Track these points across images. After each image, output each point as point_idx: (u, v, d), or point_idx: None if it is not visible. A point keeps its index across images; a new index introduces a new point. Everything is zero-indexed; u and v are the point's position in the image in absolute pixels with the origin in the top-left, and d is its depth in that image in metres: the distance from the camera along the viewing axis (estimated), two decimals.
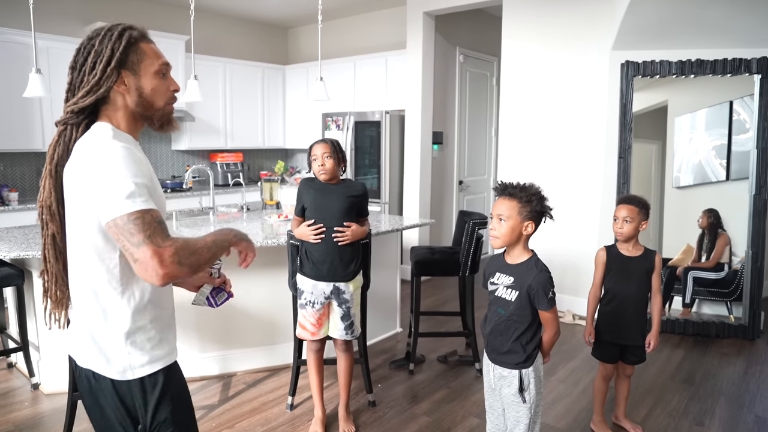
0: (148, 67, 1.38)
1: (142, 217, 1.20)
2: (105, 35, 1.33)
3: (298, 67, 7.08)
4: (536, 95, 4.85)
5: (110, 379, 1.34)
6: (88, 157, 1.26)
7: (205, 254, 1.29)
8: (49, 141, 4.76)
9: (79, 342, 1.37)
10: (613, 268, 2.67)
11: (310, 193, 2.74)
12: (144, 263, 1.18)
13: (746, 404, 3.16)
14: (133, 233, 1.18)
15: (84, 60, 1.33)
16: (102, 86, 1.32)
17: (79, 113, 1.34)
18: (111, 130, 1.32)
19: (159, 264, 1.17)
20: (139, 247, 1.18)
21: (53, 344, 3.20)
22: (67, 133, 1.35)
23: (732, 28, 3.93)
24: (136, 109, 1.38)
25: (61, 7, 5.52)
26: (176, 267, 1.20)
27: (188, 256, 1.23)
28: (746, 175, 4.14)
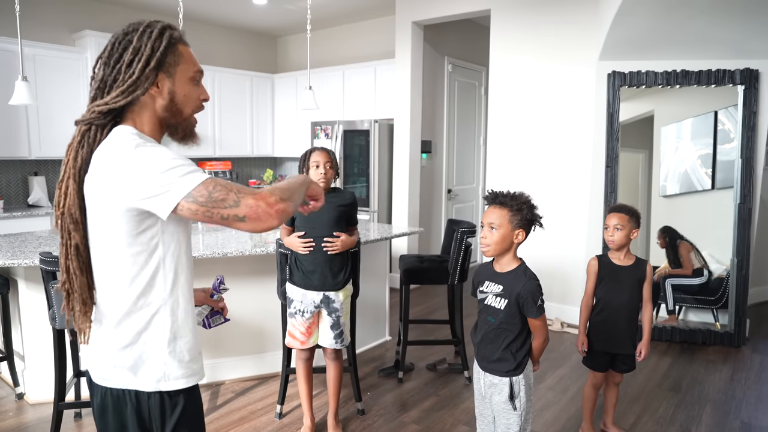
0: (184, 71, 1.29)
1: (216, 181, 1.14)
2: (144, 31, 1.24)
3: (287, 75, 7.09)
4: (524, 105, 4.89)
5: (134, 397, 1.26)
6: (119, 162, 1.15)
7: (298, 188, 1.27)
8: (35, 148, 4.70)
9: (101, 356, 1.28)
10: (605, 277, 2.68)
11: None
12: (255, 212, 1.13)
13: (732, 411, 3.19)
14: (222, 198, 1.12)
15: (119, 56, 1.22)
16: (139, 87, 1.23)
17: (108, 114, 1.23)
18: (136, 134, 1.22)
19: (267, 205, 1.14)
20: (239, 204, 1.13)
21: (38, 354, 3.15)
22: (91, 134, 1.23)
23: (716, 39, 4.00)
24: (163, 115, 1.29)
25: (48, 14, 5.49)
26: (283, 205, 1.17)
27: (284, 191, 1.20)
28: (731, 184, 4.20)
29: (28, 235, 3.55)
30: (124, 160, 1.15)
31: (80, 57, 5.36)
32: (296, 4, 5.98)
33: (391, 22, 6.23)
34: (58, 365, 2.63)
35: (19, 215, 4.83)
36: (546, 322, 2.04)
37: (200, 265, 3.22)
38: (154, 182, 1.12)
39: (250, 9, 6.24)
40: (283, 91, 7.16)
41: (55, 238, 3.46)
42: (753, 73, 4.09)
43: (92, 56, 5.38)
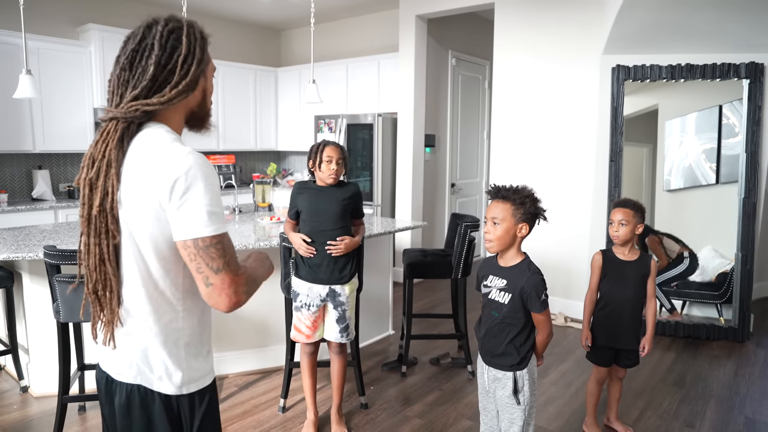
0: (210, 69, 1.35)
1: (223, 242, 1.18)
2: (189, 32, 1.26)
3: (291, 69, 7.07)
4: (528, 98, 4.87)
5: (161, 393, 1.27)
6: (167, 162, 1.16)
7: (259, 283, 1.31)
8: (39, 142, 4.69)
9: (128, 356, 1.27)
10: (609, 272, 2.68)
11: (305, 198, 2.73)
12: (219, 289, 1.17)
13: (736, 406, 3.19)
14: (214, 258, 1.16)
15: (170, 56, 1.23)
16: (192, 88, 1.26)
17: (151, 113, 1.23)
18: (171, 133, 1.25)
19: (234, 293, 1.18)
20: (218, 273, 1.16)
21: (42, 347, 3.17)
22: (130, 131, 1.22)
23: (721, 33, 3.97)
24: (195, 109, 1.34)
25: (52, 8, 5.49)
26: (245, 296, 1.21)
27: (252, 285, 1.24)
28: (736, 179, 4.18)
29: (32, 229, 3.55)
30: (176, 162, 1.16)
31: (84, 51, 5.36)
32: None
33: (394, 15, 6.20)
34: (63, 358, 2.64)
35: (23, 209, 4.84)
36: (550, 316, 2.03)
37: None
38: (188, 206, 1.15)
39: (254, 2, 6.22)
40: (286, 85, 7.15)
41: (59, 231, 3.47)
42: (758, 67, 4.06)
43: (96, 50, 5.38)
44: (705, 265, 4.28)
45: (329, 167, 2.67)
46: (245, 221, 4.05)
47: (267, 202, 4.69)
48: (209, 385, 1.35)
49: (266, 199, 4.70)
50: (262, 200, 4.69)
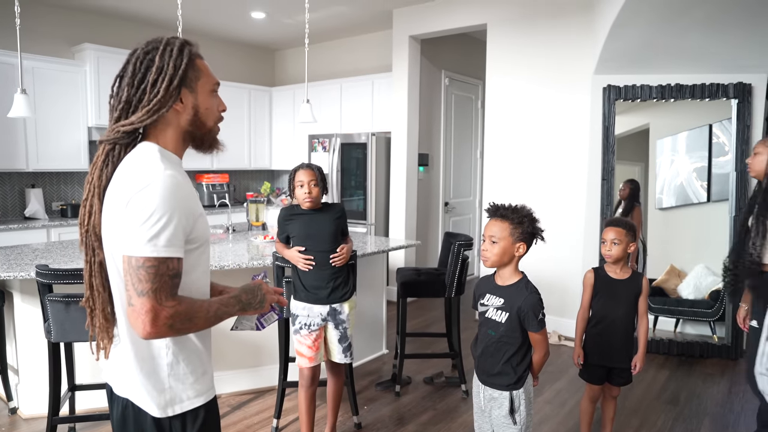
0: (204, 85, 1.33)
1: (157, 267, 1.15)
2: (165, 49, 1.26)
3: (285, 89, 7.12)
4: (520, 118, 4.92)
5: (150, 414, 1.27)
6: (132, 180, 1.19)
7: (202, 324, 1.25)
8: (33, 161, 4.72)
9: (121, 371, 1.31)
10: (600, 290, 2.68)
11: (296, 223, 2.73)
12: (136, 313, 1.15)
13: (731, 424, 3.18)
14: (141, 280, 1.14)
15: (143, 76, 1.25)
16: (164, 106, 1.26)
17: (132, 133, 1.27)
18: (158, 152, 1.26)
19: (151, 321, 1.14)
20: (140, 296, 1.14)
21: (33, 367, 3.13)
22: (115, 153, 1.27)
23: (710, 53, 4.04)
24: (188, 128, 1.32)
25: (47, 27, 5.52)
26: (166, 330, 1.17)
27: (183, 321, 1.20)
28: (726, 197, 4.22)
29: (24, 248, 3.54)
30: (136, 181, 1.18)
31: (79, 70, 5.38)
32: (294, 18, 6.03)
33: (388, 36, 6.27)
34: (53, 379, 2.61)
35: (16, 227, 4.82)
36: (547, 335, 2.04)
37: None
38: (136, 225, 1.16)
39: (249, 23, 6.28)
40: (280, 105, 7.19)
41: (52, 250, 3.46)
42: (746, 87, 4.13)
43: (91, 69, 5.40)
44: (698, 283, 4.30)
45: (302, 191, 2.68)
46: (239, 240, 4.05)
47: (261, 221, 4.69)
48: (203, 405, 1.32)
49: (260, 218, 4.70)
50: (256, 219, 4.69)
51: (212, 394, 1.36)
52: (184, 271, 1.25)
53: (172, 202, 1.17)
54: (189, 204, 1.23)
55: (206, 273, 1.37)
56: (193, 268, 1.30)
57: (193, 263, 1.30)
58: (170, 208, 1.17)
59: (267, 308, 1.48)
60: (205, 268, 1.36)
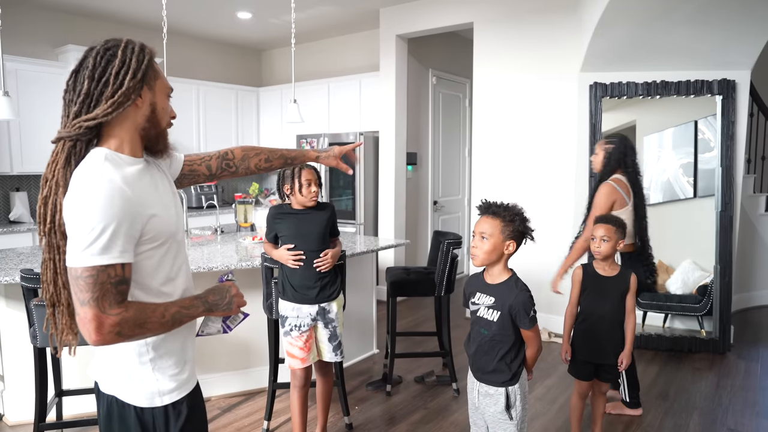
0: (161, 86, 1.34)
1: (96, 276, 1.14)
2: (126, 46, 1.27)
3: (272, 89, 7.09)
4: (508, 116, 4.93)
5: (134, 406, 1.29)
6: (70, 189, 1.18)
7: (156, 329, 1.24)
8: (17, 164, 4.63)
9: (104, 367, 1.33)
10: (588, 286, 2.70)
11: (286, 222, 2.70)
12: (81, 323, 1.15)
13: (719, 418, 3.21)
14: (81, 289, 1.14)
15: (104, 69, 1.24)
16: (129, 99, 1.25)
17: (95, 128, 1.25)
18: (104, 157, 1.23)
19: (95, 330, 1.14)
20: (82, 306, 1.14)
21: (18, 373, 3.09)
22: (77, 150, 1.24)
23: (694, 51, 4.07)
24: (144, 125, 1.32)
25: (30, 29, 5.46)
26: (113, 337, 1.16)
27: (133, 327, 1.18)
28: (712, 192, 4.26)
29: (9, 252, 3.49)
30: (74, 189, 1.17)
31: (63, 71, 5.32)
32: (281, 18, 6.00)
33: (375, 35, 6.27)
34: (39, 385, 2.58)
35: (0, 231, 4.75)
36: (539, 332, 2.04)
37: None
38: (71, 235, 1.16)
39: (235, 23, 6.25)
40: (268, 105, 7.16)
41: (37, 254, 3.41)
42: (730, 84, 4.16)
43: None
44: (686, 278, 4.33)
45: (309, 190, 2.66)
46: (227, 241, 4.02)
47: (249, 222, 4.67)
48: (186, 396, 1.34)
49: (248, 219, 4.67)
50: (245, 220, 4.66)
51: (194, 384, 1.38)
52: (149, 273, 1.26)
53: (108, 209, 1.15)
54: (132, 207, 1.20)
55: (181, 274, 1.36)
56: (159, 268, 1.30)
57: (158, 263, 1.29)
58: (106, 215, 1.15)
59: (236, 311, 1.46)
60: (178, 269, 1.35)
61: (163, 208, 1.30)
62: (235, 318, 1.56)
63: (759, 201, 5.44)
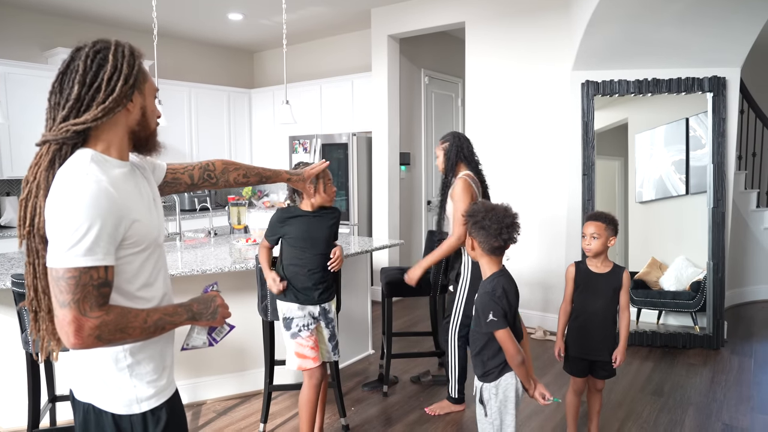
0: (150, 88, 1.34)
1: (77, 277, 1.12)
2: (117, 49, 1.26)
3: (264, 90, 7.07)
4: (500, 115, 4.94)
5: (111, 413, 1.27)
6: (54, 188, 1.17)
7: (137, 334, 1.21)
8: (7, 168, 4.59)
9: (80, 374, 1.30)
10: (581, 284, 2.70)
11: (296, 224, 2.67)
12: (60, 325, 1.13)
13: (714, 413, 3.22)
14: (62, 291, 1.12)
15: (95, 74, 1.23)
16: (120, 104, 1.25)
17: (81, 133, 1.23)
18: (90, 158, 1.21)
19: (74, 332, 1.12)
20: (62, 308, 1.12)
21: (11, 379, 3.06)
22: (62, 153, 1.22)
23: (685, 48, 4.09)
24: (135, 128, 1.32)
25: (19, 32, 5.42)
26: (93, 341, 1.14)
27: (113, 332, 1.16)
28: (704, 189, 4.28)
29: (0, 257, 3.46)
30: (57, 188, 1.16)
31: (52, 74, 5.21)
32: (272, 19, 5.99)
33: (367, 35, 6.26)
34: (32, 390, 2.56)
35: None
36: (508, 338, 1.95)
37: (179, 283, 3.17)
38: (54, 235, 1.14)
39: (226, 24, 6.23)
40: (260, 106, 7.14)
41: None
42: (720, 81, 4.19)
43: None
44: (679, 275, 4.35)
45: (332, 189, 2.72)
46: (221, 244, 4.01)
47: (242, 224, 4.65)
48: (165, 402, 1.32)
49: (242, 221, 4.65)
50: (238, 222, 4.64)
51: (172, 390, 1.36)
52: (127, 278, 1.25)
53: (93, 210, 1.14)
54: (118, 209, 1.19)
55: (159, 279, 1.35)
56: (139, 274, 1.28)
57: (138, 268, 1.28)
58: (91, 215, 1.13)
59: (220, 321, 1.44)
60: (156, 274, 1.34)
61: (146, 213, 1.29)
62: (221, 330, 1.54)
63: (750, 197, 5.47)
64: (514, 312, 2.05)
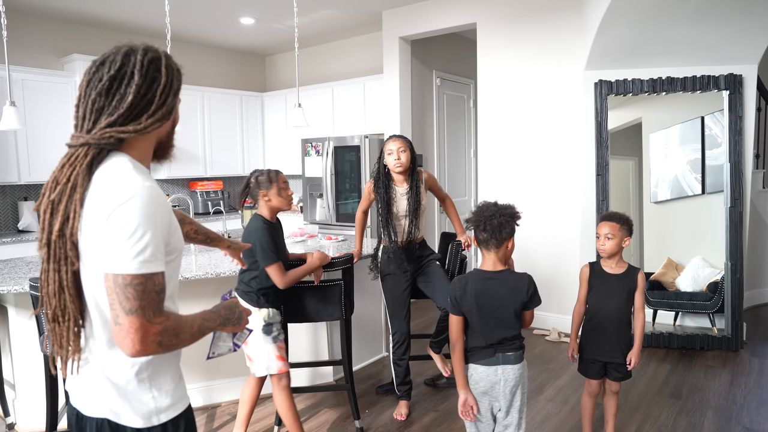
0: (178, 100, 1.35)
1: (144, 284, 1.11)
2: (168, 63, 1.27)
3: (277, 94, 7.10)
4: (513, 116, 4.91)
5: (131, 428, 1.23)
6: (111, 193, 1.14)
7: (187, 339, 1.22)
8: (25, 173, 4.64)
9: (93, 390, 1.25)
10: (595, 284, 2.68)
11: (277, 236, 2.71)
12: (124, 332, 1.10)
13: (734, 416, 3.17)
14: (128, 298, 1.10)
15: (149, 86, 1.22)
16: (166, 118, 1.26)
17: (123, 140, 1.22)
18: (131, 163, 1.21)
19: (140, 340, 1.11)
20: (128, 315, 1.10)
21: (29, 382, 3.10)
22: (100, 157, 1.20)
23: (700, 46, 4.04)
24: (163, 139, 1.33)
25: (35, 39, 5.49)
26: (154, 347, 1.13)
27: (171, 337, 1.16)
28: (721, 188, 4.22)
29: (18, 261, 3.50)
30: (120, 192, 1.13)
31: (69, 81, 5.35)
32: (284, 23, 6.01)
33: (378, 37, 6.27)
34: (50, 393, 2.58)
35: (9, 241, 4.78)
36: (455, 323, 2.14)
37: (192, 286, 3.19)
38: (120, 241, 1.11)
39: (238, 29, 6.26)
40: (272, 110, 7.17)
41: None
42: (737, 78, 4.13)
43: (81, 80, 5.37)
44: (696, 276, 4.30)
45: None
46: None
47: None
48: (183, 412, 1.31)
49: None
50: None
51: (188, 400, 1.35)
52: None
53: (153, 216, 1.14)
54: (167, 216, 1.19)
55: (177, 285, 1.34)
56: (169, 280, 1.26)
57: (170, 276, 1.26)
58: (152, 221, 1.13)
59: (243, 326, 1.46)
60: (177, 281, 1.33)
61: (175, 221, 1.28)
62: (241, 335, 1.57)
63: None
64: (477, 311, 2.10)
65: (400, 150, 3.16)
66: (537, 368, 3.90)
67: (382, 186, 3.22)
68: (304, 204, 6.27)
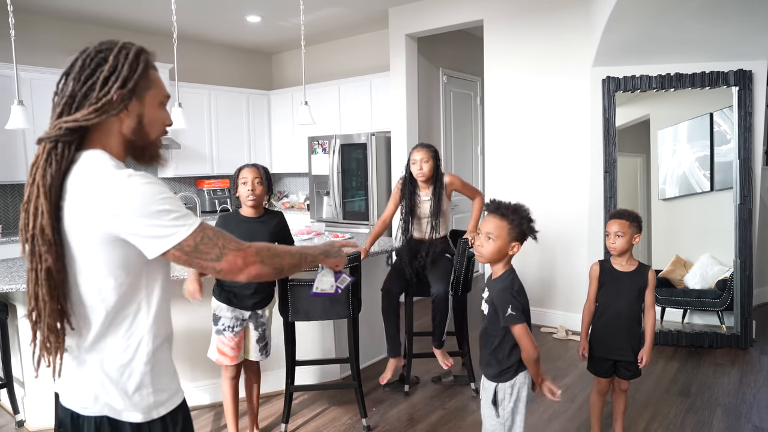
0: (154, 96, 1.27)
1: (204, 232, 1.17)
2: (120, 51, 1.21)
3: (283, 92, 7.11)
4: (520, 113, 4.89)
5: (130, 423, 1.23)
6: (104, 190, 1.13)
7: (289, 259, 1.32)
8: None
9: (91, 389, 1.23)
10: (605, 282, 2.66)
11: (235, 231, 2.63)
12: (230, 267, 1.20)
13: (743, 414, 3.15)
14: (207, 251, 1.17)
15: (92, 72, 1.18)
16: (114, 109, 1.19)
17: (76, 131, 1.17)
18: (110, 158, 1.19)
19: (244, 263, 1.20)
20: (220, 260, 1.18)
21: (38, 380, 3.12)
22: (57, 151, 1.16)
23: (708, 42, 4.01)
24: (130, 137, 1.25)
25: (43, 38, 5.52)
26: (260, 266, 1.23)
27: (271, 257, 1.26)
28: (730, 185, 4.19)
29: (23, 261, 3.52)
30: (114, 188, 1.13)
31: None
32: (290, 21, 6.01)
33: (384, 35, 6.25)
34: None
35: (18, 240, 4.79)
36: (526, 333, 1.95)
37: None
38: (147, 223, 1.12)
39: (245, 27, 6.27)
40: (279, 108, 7.17)
41: None
42: (746, 74, 4.10)
43: None
44: (704, 273, 4.27)
45: (245, 188, 2.70)
46: None
47: None
48: (180, 405, 1.31)
49: None
50: None
51: (183, 393, 1.35)
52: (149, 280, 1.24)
53: (159, 189, 1.16)
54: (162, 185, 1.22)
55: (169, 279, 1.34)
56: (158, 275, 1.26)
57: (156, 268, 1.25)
58: (163, 192, 1.16)
59: (342, 262, 1.61)
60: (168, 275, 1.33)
61: None
62: (343, 279, 1.73)
63: None
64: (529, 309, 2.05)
65: (423, 161, 3.42)
66: (544, 366, 3.88)
67: (407, 191, 3.54)
68: (311, 202, 6.28)
